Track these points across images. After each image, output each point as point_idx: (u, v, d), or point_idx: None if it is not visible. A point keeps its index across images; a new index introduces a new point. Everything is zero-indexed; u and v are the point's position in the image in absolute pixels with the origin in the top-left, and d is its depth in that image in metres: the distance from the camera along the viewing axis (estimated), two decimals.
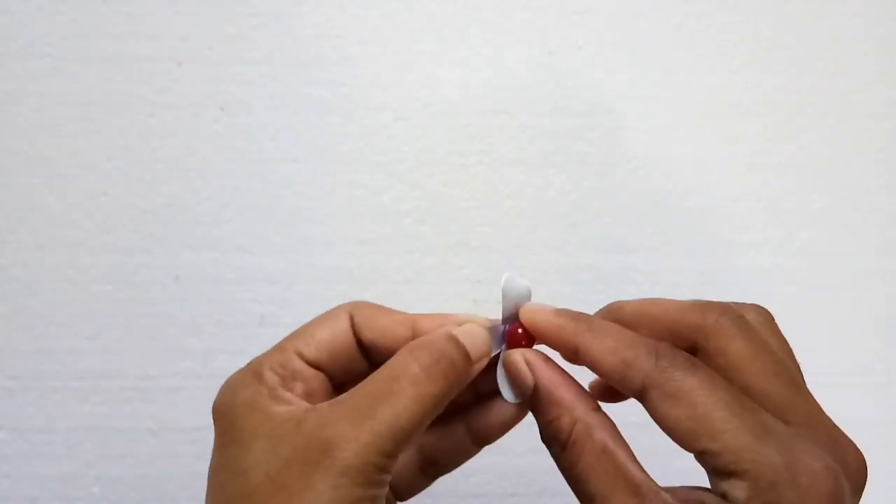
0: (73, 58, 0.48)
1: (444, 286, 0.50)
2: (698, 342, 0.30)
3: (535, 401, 0.30)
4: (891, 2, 0.52)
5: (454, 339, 0.29)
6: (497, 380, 0.32)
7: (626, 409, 0.32)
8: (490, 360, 0.31)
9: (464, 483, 0.50)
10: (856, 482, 0.27)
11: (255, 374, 0.29)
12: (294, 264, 0.49)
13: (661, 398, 0.28)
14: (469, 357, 0.29)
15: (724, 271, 0.51)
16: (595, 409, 0.29)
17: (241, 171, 0.49)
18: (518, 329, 0.32)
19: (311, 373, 0.30)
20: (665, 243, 0.51)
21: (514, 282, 0.32)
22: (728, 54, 0.51)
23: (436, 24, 0.50)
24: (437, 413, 0.28)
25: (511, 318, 0.32)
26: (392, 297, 0.49)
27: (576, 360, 0.30)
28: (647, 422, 0.30)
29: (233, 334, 0.49)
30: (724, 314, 0.30)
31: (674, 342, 0.29)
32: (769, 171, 0.51)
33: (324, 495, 0.26)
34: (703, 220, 0.51)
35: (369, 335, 0.31)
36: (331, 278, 0.49)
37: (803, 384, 0.29)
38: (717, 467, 0.27)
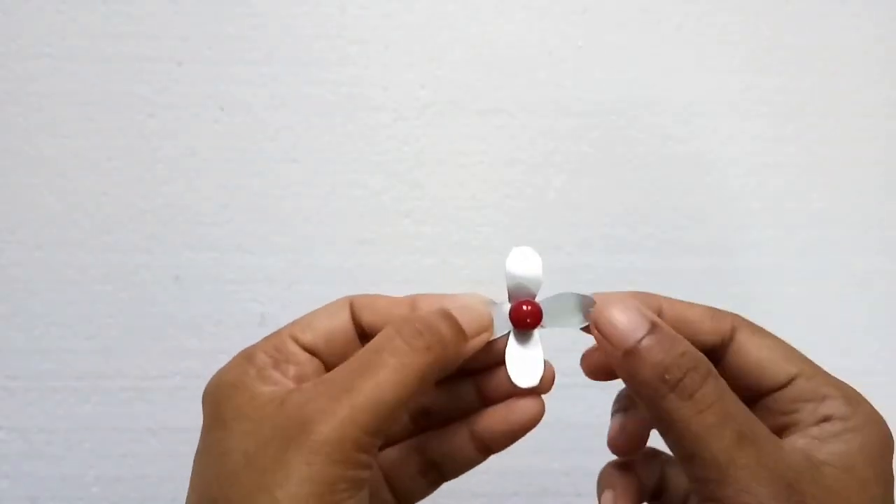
0: (73, 58, 0.49)
1: (444, 286, 0.50)
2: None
3: (648, 343, 0.27)
4: (891, 2, 0.52)
5: (445, 314, 0.28)
6: (506, 364, 0.30)
7: None
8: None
9: (464, 483, 0.50)
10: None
11: (245, 356, 0.29)
12: (294, 264, 0.49)
13: (751, 333, 0.30)
14: (462, 331, 0.28)
15: (724, 271, 0.51)
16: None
17: (241, 171, 0.49)
18: (524, 306, 0.30)
19: (305, 357, 0.29)
20: (665, 243, 0.51)
21: (525, 258, 0.30)
22: (728, 54, 0.51)
23: (436, 24, 0.50)
24: (424, 389, 0.27)
25: (517, 295, 0.31)
26: None
27: (660, 314, 0.30)
28: None
29: (233, 334, 0.49)
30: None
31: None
32: (769, 171, 0.51)
33: (296, 473, 0.24)
34: (703, 221, 0.51)
35: (369, 318, 0.30)
36: (331, 278, 0.49)
37: None
38: (811, 390, 0.29)
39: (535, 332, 0.31)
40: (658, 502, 0.33)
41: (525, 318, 0.30)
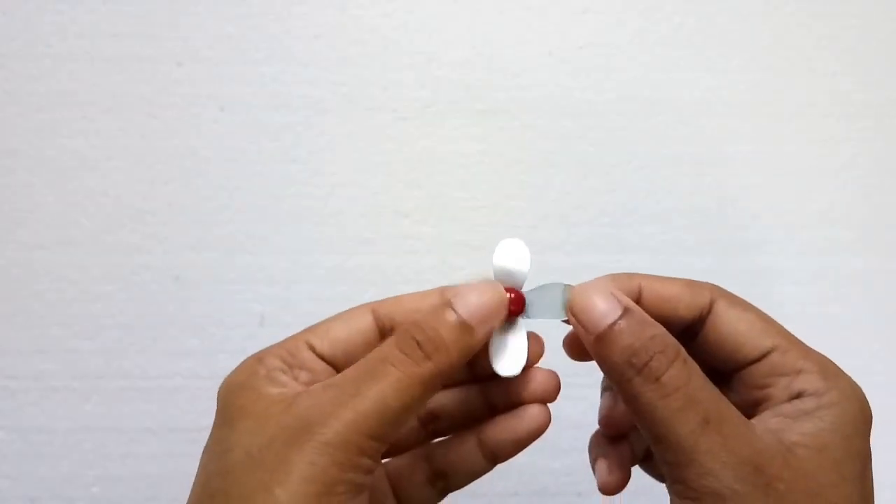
0: (73, 58, 0.49)
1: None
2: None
3: (622, 325, 0.27)
4: (891, 2, 0.52)
5: (445, 311, 0.28)
6: (489, 352, 0.30)
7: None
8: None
9: None
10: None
11: (257, 358, 0.29)
12: (294, 264, 0.49)
13: (729, 306, 0.30)
14: (465, 325, 0.28)
15: (724, 271, 0.51)
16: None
17: (241, 171, 0.49)
18: (509, 293, 0.30)
19: (320, 366, 0.29)
20: (665, 243, 0.51)
21: (512, 249, 0.30)
22: (728, 54, 0.51)
23: (436, 24, 0.50)
24: (429, 395, 0.27)
25: (504, 284, 0.30)
26: None
27: (639, 300, 0.30)
28: None
29: (233, 334, 0.49)
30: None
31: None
32: (769, 171, 0.51)
33: (298, 472, 0.25)
34: (703, 220, 0.51)
35: (403, 318, 0.30)
36: (331, 278, 0.49)
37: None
38: (785, 364, 0.28)
39: (519, 320, 0.30)
40: (647, 464, 0.33)
41: (509, 307, 0.29)
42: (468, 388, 0.31)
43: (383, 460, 0.31)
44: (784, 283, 0.51)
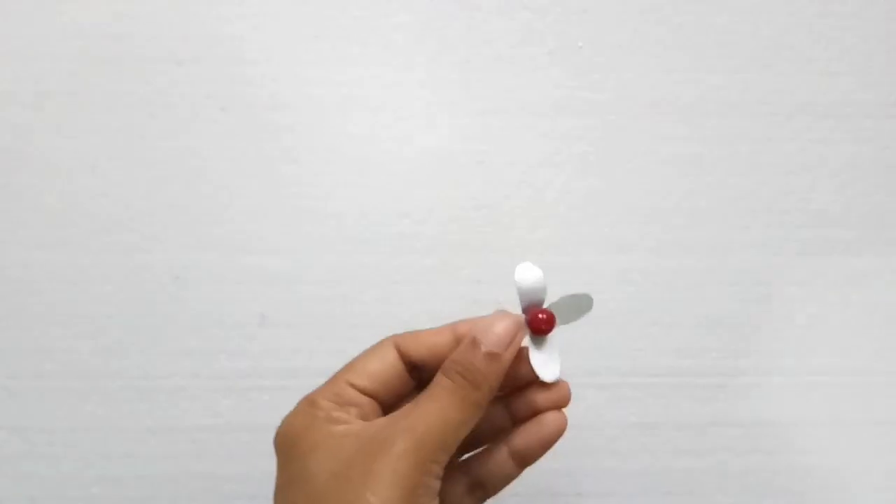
0: (73, 58, 0.49)
1: (444, 286, 0.50)
2: None
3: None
4: (890, 2, 0.52)
5: (475, 347, 0.33)
6: (531, 364, 0.34)
7: (626, 409, 0.32)
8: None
9: None
10: None
11: (310, 402, 0.33)
12: (294, 264, 0.49)
13: None
14: (493, 354, 0.32)
15: (723, 271, 0.51)
16: None
17: (241, 171, 0.49)
18: (539, 315, 0.34)
19: (364, 400, 0.33)
20: (665, 243, 0.51)
21: (527, 272, 0.34)
22: (728, 54, 0.51)
23: (435, 25, 0.50)
24: (482, 411, 0.32)
25: (529, 306, 0.35)
26: (392, 297, 0.49)
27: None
28: (647, 421, 0.30)
29: (233, 334, 0.49)
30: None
31: None
32: (769, 171, 0.51)
33: (384, 479, 0.29)
34: (703, 220, 0.51)
35: (418, 352, 0.34)
36: (331, 278, 0.49)
37: None
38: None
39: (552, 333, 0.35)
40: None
41: (542, 325, 0.34)
42: (493, 404, 0.35)
43: None
44: (784, 283, 0.51)
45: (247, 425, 0.49)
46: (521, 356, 0.34)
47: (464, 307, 0.49)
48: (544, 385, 0.35)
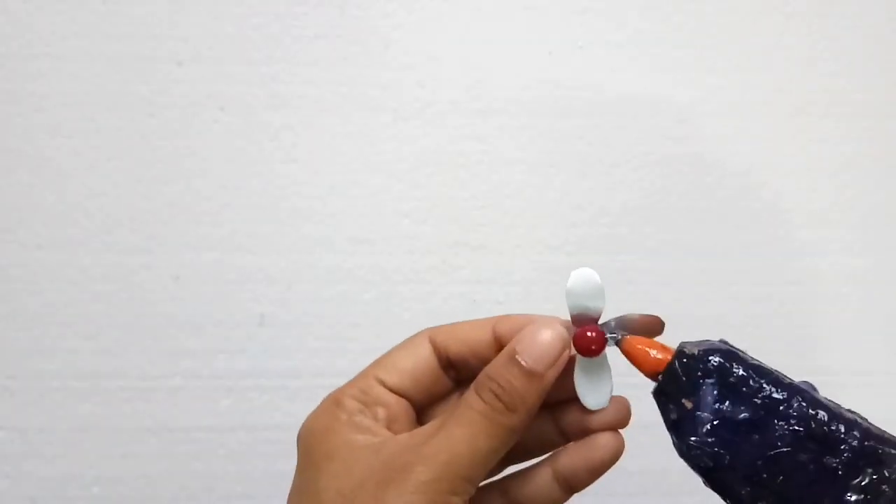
0: (73, 58, 0.48)
1: (444, 286, 0.50)
2: None
3: None
4: (891, 2, 0.52)
5: (513, 362, 0.28)
6: (575, 386, 0.30)
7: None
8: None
9: None
10: None
11: (335, 401, 0.30)
12: (294, 264, 0.49)
13: None
14: (533, 373, 0.28)
15: (723, 271, 0.51)
16: None
17: (241, 171, 0.49)
18: (587, 333, 0.29)
19: (392, 399, 0.31)
20: (665, 243, 0.51)
21: (582, 279, 0.29)
22: (728, 54, 0.51)
23: (435, 25, 0.50)
24: (516, 437, 0.29)
25: (580, 320, 0.29)
26: (392, 297, 0.49)
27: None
28: (647, 421, 0.30)
29: (233, 334, 0.49)
30: None
31: None
32: (768, 171, 0.51)
33: None
34: (702, 220, 0.51)
35: (456, 348, 0.31)
36: (331, 278, 0.49)
37: None
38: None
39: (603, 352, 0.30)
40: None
41: (589, 346, 0.29)
42: (538, 415, 0.31)
43: None
44: (784, 283, 0.51)
45: (246, 425, 0.49)
46: (569, 364, 0.30)
47: (463, 307, 0.49)
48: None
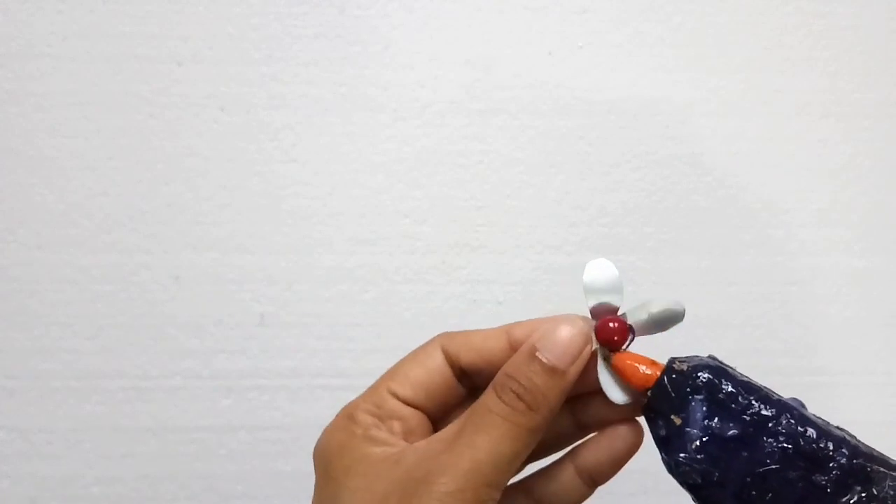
0: (73, 58, 0.48)
1: (444, 286, 0.50)
2: None
3: None
4: (891, 2, 0.52)
5: (533, 359, 0.28)
6: (600, 381, 0.29)
7: None
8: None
9: None
10: None
11: (348, 416, 0.30)
12: (294, 264, 0.49)
13: None
14: (555, 370, 0.28)
15: (723, 271, 0.51)
16: None
17: (241, 171, 0.49)
18: (609, 324, 0.28)
19: (407, 412, 0.30)
20: (665, 243, 0.51)
21: (599, 270, 0.29)
22: (728, 54, 0.51)
23: (435, 24, 0.50)
24: (539, 437, 0.28)
25: (600, 312, 0.29)
26: (392, 297, 0.49)
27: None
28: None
29: (233, 334, 0.49)
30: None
31: None
32: (768, 171, 0.51)
33: None
34: (702, 220, 0.51)
35: (468, 357, 0.30)
36: (331, 278, 0.49)
37: None
38: None
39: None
40: None
41: (612, 337, 0.28)
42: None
43: None
44: (784, 283, 0.51)
45: (246, 425, 0.49)
46: (590, 359, 0.29)
47: (463, 307, 0.49)
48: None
